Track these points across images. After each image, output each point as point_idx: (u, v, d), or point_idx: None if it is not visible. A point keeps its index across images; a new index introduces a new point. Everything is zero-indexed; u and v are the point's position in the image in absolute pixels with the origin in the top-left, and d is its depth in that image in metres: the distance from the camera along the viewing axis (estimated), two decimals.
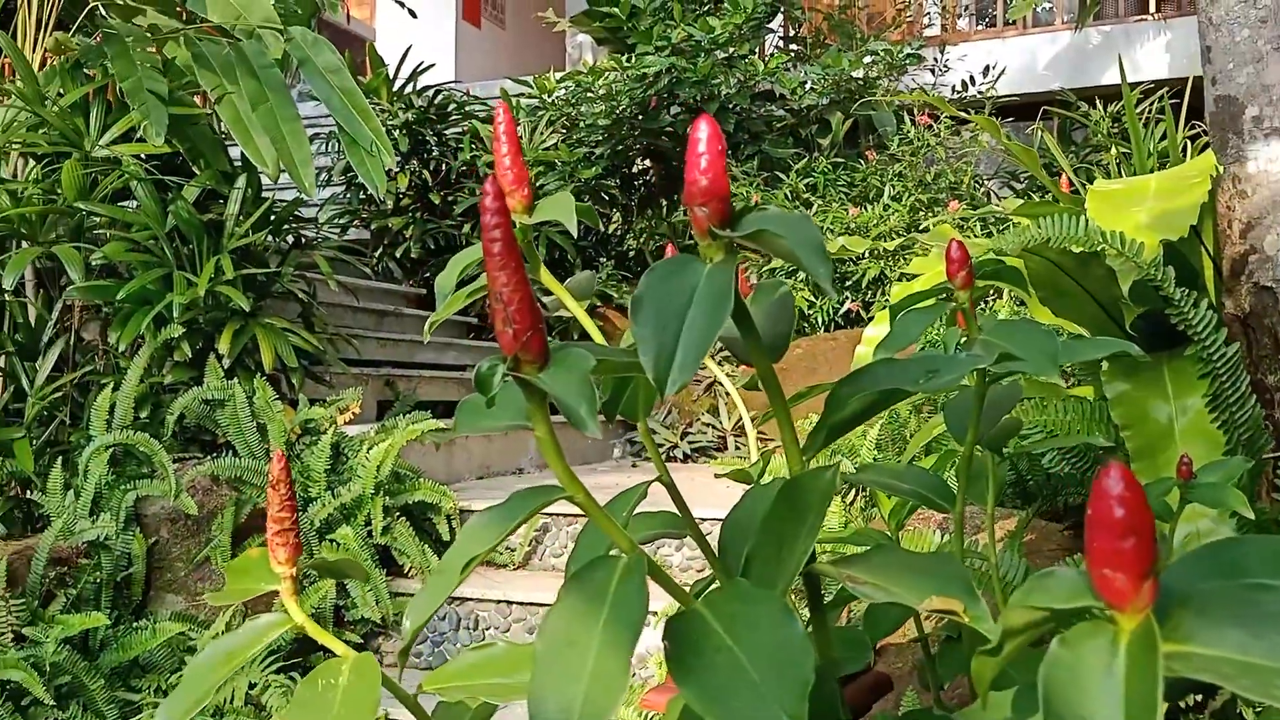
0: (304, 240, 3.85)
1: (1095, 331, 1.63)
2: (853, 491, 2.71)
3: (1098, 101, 5.55)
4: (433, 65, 6.20)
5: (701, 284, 0.78)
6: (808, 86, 5.55)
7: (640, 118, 5.49)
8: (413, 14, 7.92)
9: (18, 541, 2.72)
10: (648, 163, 6.09)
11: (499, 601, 2.92)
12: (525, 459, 4.32)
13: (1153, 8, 7.04)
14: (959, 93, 6.41)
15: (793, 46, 7.08)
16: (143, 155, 3.30)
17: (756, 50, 6.35)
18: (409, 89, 5.82)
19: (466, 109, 5.87)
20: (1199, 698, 1.33)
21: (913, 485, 1.06)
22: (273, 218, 3.48)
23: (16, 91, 3.14)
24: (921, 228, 5.24)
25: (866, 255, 5.15)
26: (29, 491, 2.86)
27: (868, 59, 5.69)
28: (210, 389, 3.06)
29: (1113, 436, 1.54)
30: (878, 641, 1.08)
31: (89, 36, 4.39)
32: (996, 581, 1.18)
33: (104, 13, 3.67)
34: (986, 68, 6.28)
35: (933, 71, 6.51)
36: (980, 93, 6.13)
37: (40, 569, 2.53)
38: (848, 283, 5.21)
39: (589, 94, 5.49)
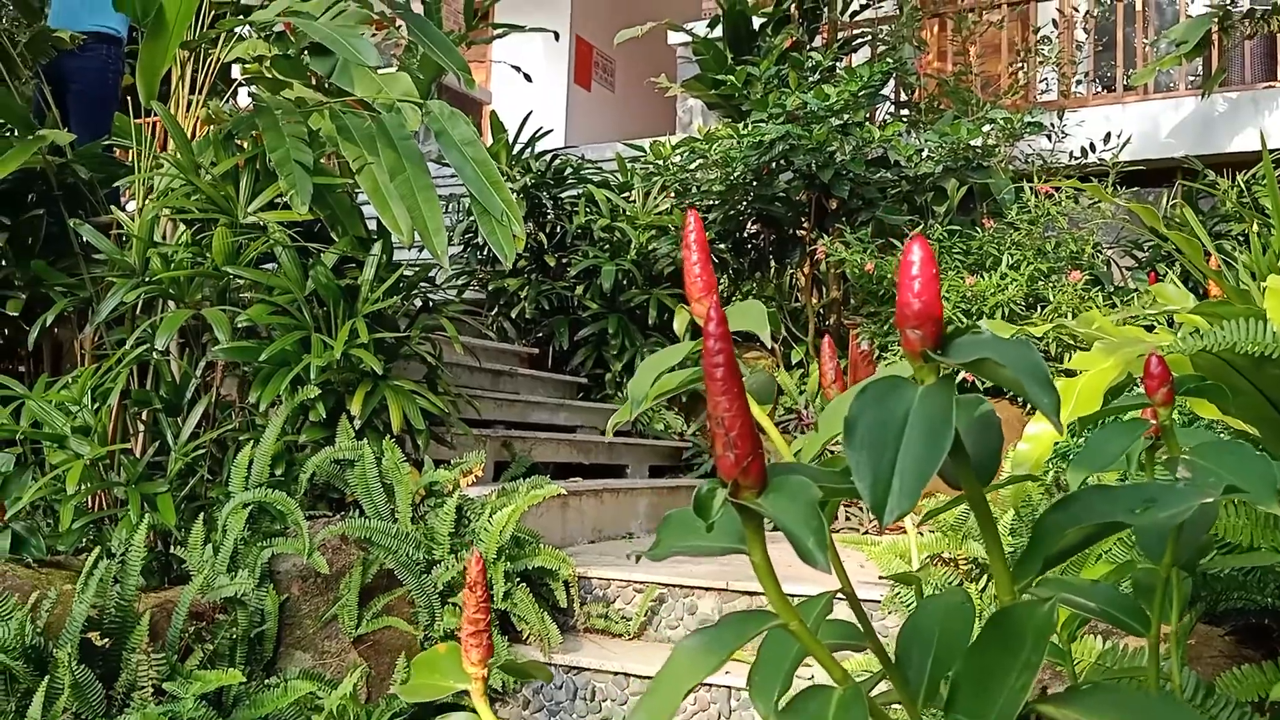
0: (431, 303, 3.95)
1: (1267, 432, 1.56)
2: (984, 577, 2.64)
3: (1226, 170, 5.39)
4: (550, 131, 6.35)
5: (915, 408, 0.78)
6: (924, 154, 5.51)
7: (754, 183, 5.52)
8: (528, 78, 8.15)
9: (157, 594, 2.82)
10: (757, 226, 6.11)
11: (616, 673, 2.91)
12: (635, 523, 4.32)
13: None
14: (1077, 159, 6.29)
15: (904, 112, 7.06)
16: (284, 221, 3.44)
17: (869, 116, 6.35)
18: (527, 153, 5.97)
19: (582, 173, 5.99)
20: None
21: (1102, 604, 1.03)
22: (403, 284, 3.59)
23: (173, 161, 3.31)
24: (1041, 297, 5.13)
25: (986, 319, 5.05)
26: (170, 545, 2.98)
27: (986, 127, 5.63)
28: (341, 449, 3.15)
29: None
30: None
31: (221, 96, 4.63)
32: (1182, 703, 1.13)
33: (253, 86, 3.87)
34: (1107, 135, 6.16)
35: (1049, 137, 6.41)
36: (1102, 160, 6.00)
37: (180, 623, 2.62)
38: None
39: (704, 159, 5.54)
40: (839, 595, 0.99)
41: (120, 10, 3.06)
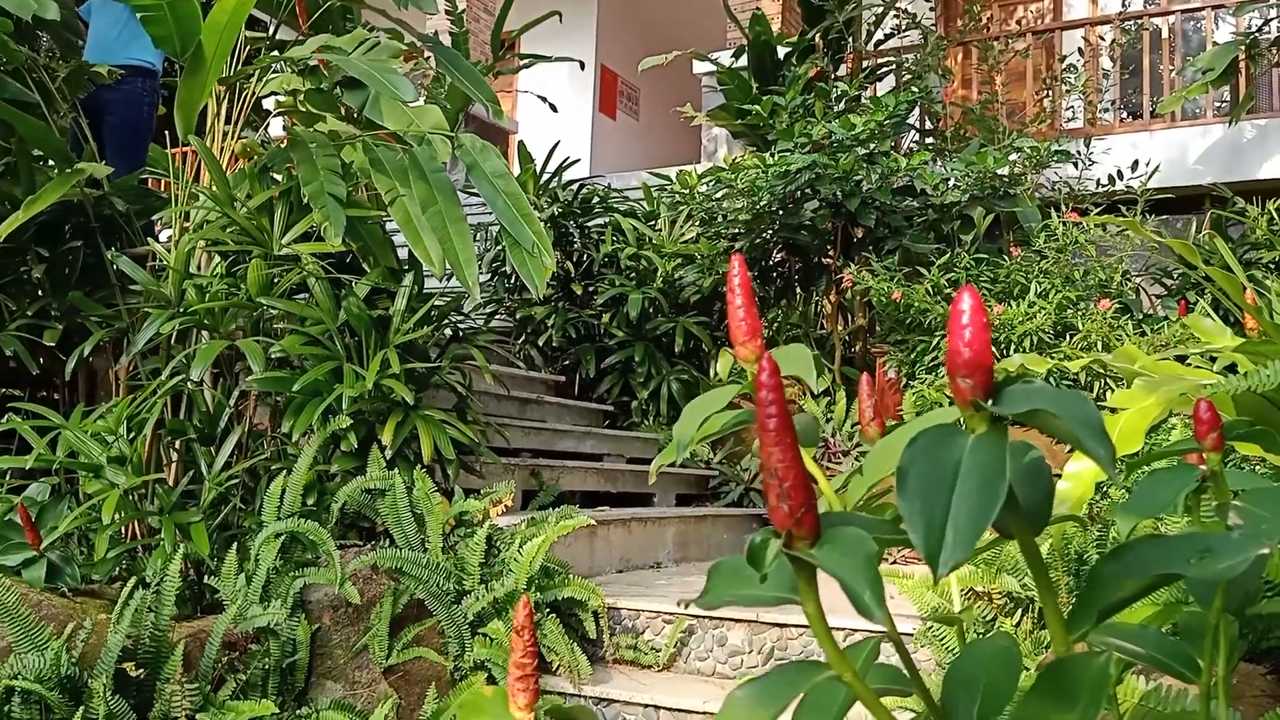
0: (460, 332, 3.98)
1: None
2: (1019, 611, 2.61)
3: (1255, 197, 5.36)
4: (577, 161, 6.40)
5: (966, 457, 0.78)
6: (951, 183, 5.51)
7: (780, 212, 5.54)
8: (554, 108, 8.22)
9: (190, 623, 2.84)
10: (783, 254, 6.13)
11: (646, 705, 2.90)
12: (663, 552, 4.31)
13: None
14: (1104, 186, 6.27)
15: (929, 140, 7.07)
16: (317, 253, 3.48)
17: (894, 145, 6.36)
18: (554, 183, 6.02)
19: (609, 203, 6.02)
20: None
21: (1151, 650, 1.02)
22: (434, 314, 3.61)
23: (209, 194, 3.36)
24: (1069, 326, 5.10)
25: (1012, 353, 5.03)
26: (202, 573, 3.00)
27: (1013, 156, 5.62)
28: (373, 479, 3.17)
29: None
30: None
31: (254, 127, 4.69)
32: None
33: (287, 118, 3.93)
34: (1135, 162, 6.14)
35: (1076, 165, 6.39)
36: (1130, 187, 5.98)
37: (213, 653, 2.63)
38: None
39: (730, 189, 5.56)
40: (888, 638, 0.99)
41: (160, 47, 3.12)
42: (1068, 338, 5.07)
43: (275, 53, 3.67)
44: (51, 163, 3.77)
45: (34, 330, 3.56)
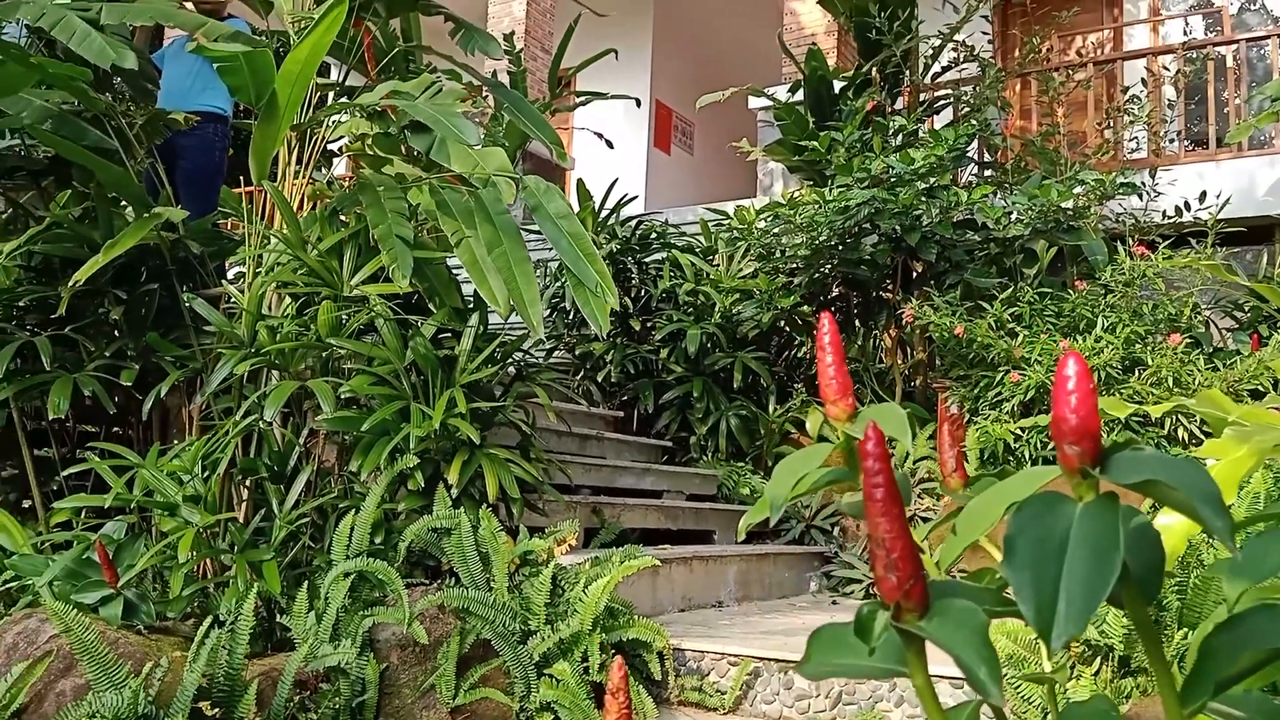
0: (523, 370, 4.01)
1: None
2: (1097, 659, 2.55)
3: None
4: (635, 198, 6.44)
5: (1075, 526, 0.77)
6: (1013, 217, 5.45)
7: (839, 247, 5.52)
8: (610, 145, 8.30)
9: (261, 661, 2.88)
10: (841, 288, 6.10)
11: None
12: (724, 591, 4.28)
13: None
14: (1170, 218, 6.16)
15: (988, 172, 7.01)
16: (384, 293, 3.54)
17: (954, 178, 6.32)
18: (612, 220, 6.06)
19: (666, 238, 6.05)
20: None
21: (1253, 715, 0.99)
22: (499, 353, 3.65)
23: (281, 238, 3.44)
24: (1138, 360, 5.00)
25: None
26: (273, 611, 3.03)
27: (1078, 189, 5.55)
28: (439, 517, 3.19)
29: None
30: None
31: (321, 168, 4.78)
32: None
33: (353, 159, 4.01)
34: (1203, 193, 6.03)
35: (1141, 196, 6.29)
36: (1197, 219, 5.87)
37: (285, 692, 2.66)
38: None
39: (789, 224, 5.56)
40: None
41: (235, 96, 3.21)
42: (1136, 373, 4.97)
43: (345, 98, 3.75)
44: (127, 205, 3.89)
45: (111, 370, 3.65)
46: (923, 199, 5.40)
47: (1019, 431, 5.04)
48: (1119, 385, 4.91)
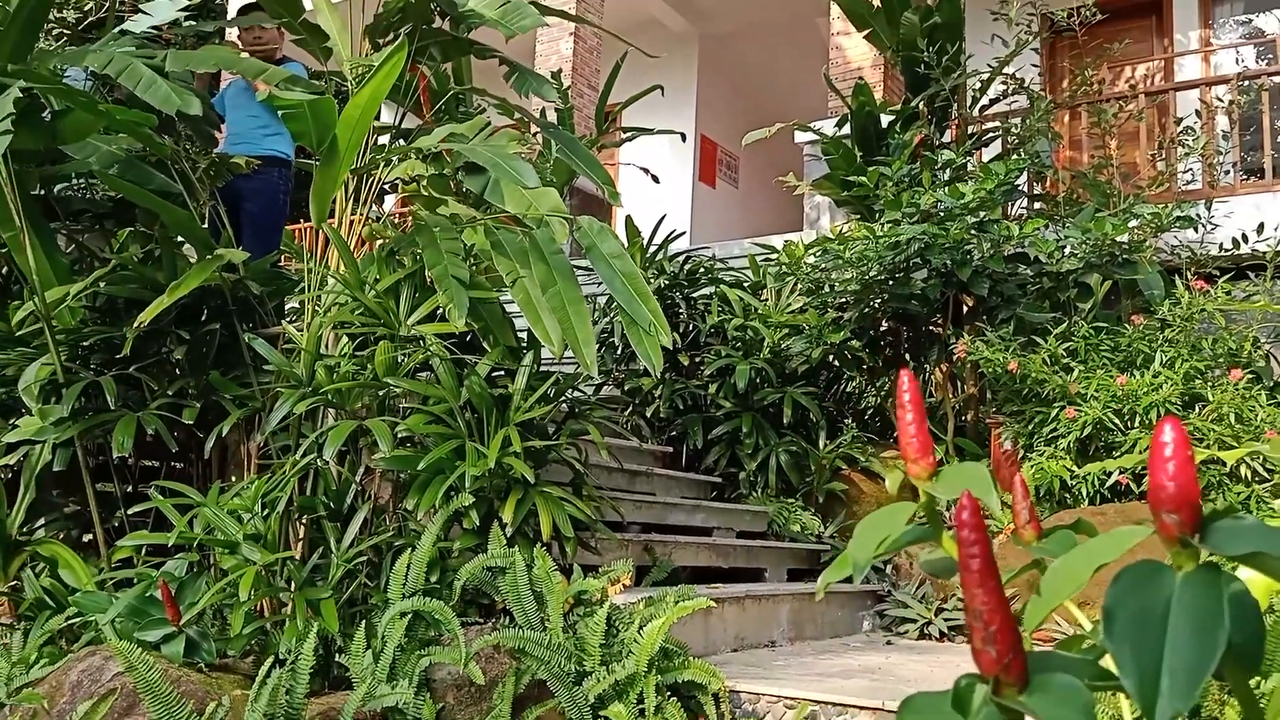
0: (576, 408, 4.03)
1: None
2: None
3: None
4: (682, 234, 6.46)
5: (1176, 598, 0.76)
6: (1066, 251, 5.40)
7: (889, 282, 5.49)
8: (656, 180, 8.35)
9: (320, 699, 2.89)
10: (891, 323, 6.07)
11: None
12: (777, 631, 4.24)
13: None
14: (1228, 250, 6.06)
15: (1037, 205, 6.95)
16: (439, 333, 3.58)
17: (1004, 211, 6.28)
18: (660, 255, 6.09)
19: (714, 273, 6.06)
20: None
21: None
22: (553, 392, 3.67)
23: (340, 279, 3.50)
24: (1198, 396, 4.91)
25: (1136, 425, 4.87)
26: (330, 649, 3.05)
27: (1133, 222, 5.49)
28: (494, 556, 3.20)
29: None
30: None
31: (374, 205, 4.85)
32: None
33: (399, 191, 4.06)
34: (1260, 225, 5.93)
35: (1197, 229, 6.20)
36: (1256, 250, 5.78)
37: None
38: (1115, 453, 4.93)
39: (839, 259, 5.55)
40: None
41: (299, 141, 3.28)
42: (1197, 409, 4.88)
43: (401, 140, 3.82)
44: (184, 243, 3.98)
45: (173, 408, 3.72)
46: (973, 233, 5.36)
47: (1073, 467, 4.97)
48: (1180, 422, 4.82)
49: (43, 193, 4.16)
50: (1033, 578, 1.15)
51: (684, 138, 8.46)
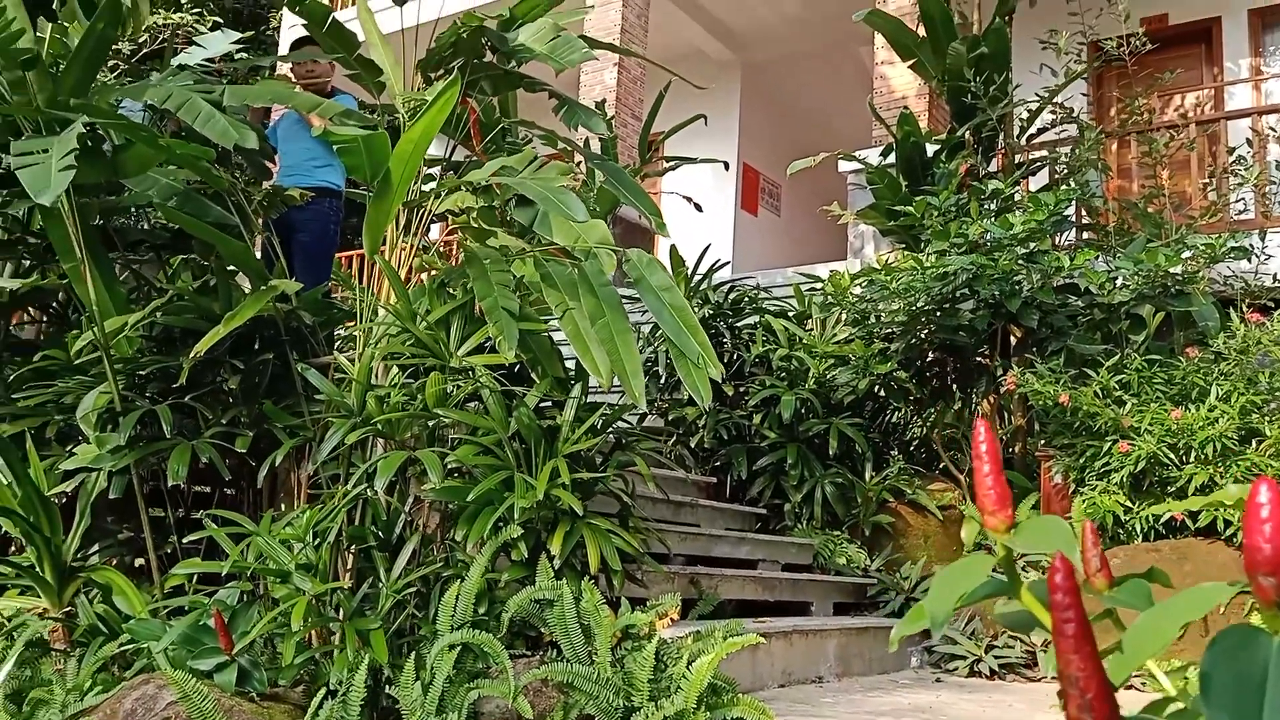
0: (623, 440, 4.02)
1: None
2: None
3: None
4: (727, 263, 6.46)
5: (1274, 664, 0.74)
6: (1118, 282, 5.33)
7: (937, 313, 5.45)
8: (699, 208, 8.36)
9: None
10: (937, 354, 6.01)
11: None
12: (824, 666, 4.19)
13: None
14: None
15: (1086, 235, 6.88)
16: (489, 364, 3.59)
17: (1053, 240, 6.21)
18: (704, 285, 6.09)
19: (759, 303, 6.05)
20: None
21: None
22: (601, 423, 3.67)
23: (392, 310, 3.53)
24: (1255, 431, 4.81)
25: (1191, 460, 4.78)
26: (379, 679, 3.06)
27: (1186, 254, 5.41)
28: (542, 589, 3.20)
29: None
30: None
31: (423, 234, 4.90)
32: None
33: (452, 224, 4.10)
34: None
35: (1251, 259, 6.10)
36: None
37: None
38: (1170, 489, 4.84)
39: (885, 290, 5.52)
40: None
41: (352, 175, 3.33)
42: (1253, 444, 4.78)
43: (452, 173, 3.86)
44: (236, 274, 4.04)
45: (226, 437, 3.77)
46: (1022, 264, 5.31)
47: (1127, 504, 4.88)
48: (1235, 457, 4.72)
49: (102, 224, 4.25)
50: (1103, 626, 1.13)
51: (727, 166, 8.49)
